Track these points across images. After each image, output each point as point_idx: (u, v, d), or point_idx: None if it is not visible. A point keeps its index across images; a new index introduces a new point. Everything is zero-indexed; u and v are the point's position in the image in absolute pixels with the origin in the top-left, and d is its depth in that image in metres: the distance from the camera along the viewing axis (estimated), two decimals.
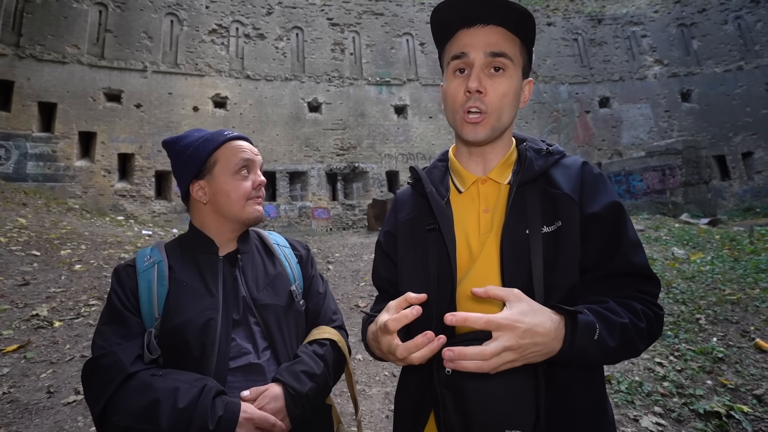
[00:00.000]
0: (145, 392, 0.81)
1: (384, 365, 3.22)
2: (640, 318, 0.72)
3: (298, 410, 0.91)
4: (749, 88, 15.50)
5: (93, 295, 4.33)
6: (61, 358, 3.13)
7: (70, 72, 11.90)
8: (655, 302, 0.77)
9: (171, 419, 0.78)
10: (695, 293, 4.17)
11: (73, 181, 11.41)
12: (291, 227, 13.25)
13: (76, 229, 7.71)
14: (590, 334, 0.65)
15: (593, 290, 0.77)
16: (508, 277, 0.76)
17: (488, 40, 0.78)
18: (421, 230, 0.88)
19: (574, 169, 0.83)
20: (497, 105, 0.80)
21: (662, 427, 2.31)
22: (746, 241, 6.55)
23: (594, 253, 0.78)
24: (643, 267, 0.78)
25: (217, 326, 0.93)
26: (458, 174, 0.91)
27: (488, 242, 0.81)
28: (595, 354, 0.66)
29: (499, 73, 0.79)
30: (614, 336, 0.67)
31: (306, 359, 0.99)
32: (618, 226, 0.79)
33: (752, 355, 2.99)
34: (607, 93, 16.38)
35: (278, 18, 14.81)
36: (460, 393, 0.70)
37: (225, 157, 1.03)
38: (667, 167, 11.20)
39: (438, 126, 15.32)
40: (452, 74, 0.83)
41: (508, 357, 0.61)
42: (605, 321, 0.68)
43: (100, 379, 0.83)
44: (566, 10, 17.23)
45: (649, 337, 0.74)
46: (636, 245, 0.79)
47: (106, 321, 0.91)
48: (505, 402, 0.68)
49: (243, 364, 0.95)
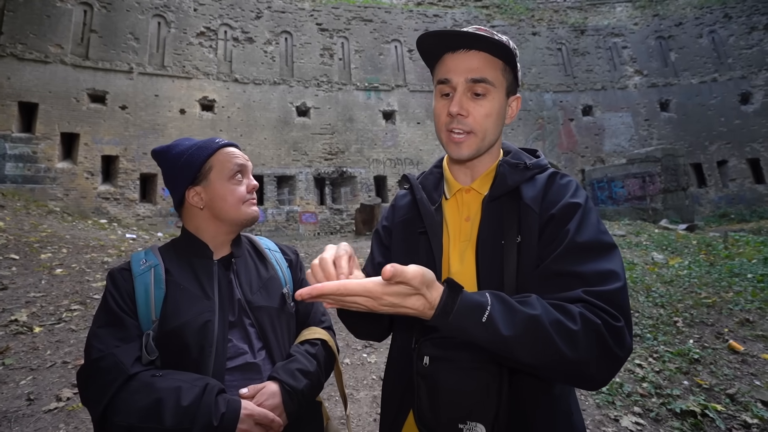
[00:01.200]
0: (148, 392, 0.82)
1: (372, 369, 3.24)
2: (574, 320, 0.64)
3: (294, 406, 0.95)
4: (723, 99, 16.11)
5: (75, 300, 4.23)
6: (42, 364, 3.06)
7: (52, 72, 11.62)
8: (608, 309, 0.66)
9: (175, 417, 0.80)
10: (673, 297, 4.32)
11: (55, 183, 11.11)
12: (278, 231, 13.16)
13: (57, 232, 7.52)
14: (476, 314, 0.62)
15: (535, 289, 0.72)
16: (484, 284, 0.81)
17: (470, 65, 0.82)
18: (414, 233, 0.93)
19: (540, 181, 0.85)
20: (481, 125, 0.84)
21: (641, 426, 2.39)
22: (721, 246, 6.80)
23: (542, 254, 0.78)
24: (589, 272, 0.70)
25: (214, 328, 0.95)
26: (447, 182, 0.96)
27: (467, 250, 0.86)
28: (483, 337, 0.62)
29: (480, 98, 0.83)
30: (512, 325, 0.62)
31: (300, 358, 1.03)
32: (565, 224, 0.76)
33: (726, 356, 3.11)
34: (590, 101, 16.80)
35: (267, 22, 14.78)
36: (433, 383, 0.76)
37: (220, 163, 1.07)
38: (647, 174, 11.55)
39: (426, 132, 15.47)
40: (439, 96, 0.87)
41: (362, 304, 0.61)
42: (506, 307, 0.64)
43: (100, 380, 0.84)
44: (551, 21, 17.66)
45: (591, 347, 0.63)
46: (586, 248, 0.73)
47: (102, 324, 0.91)
48: (471, 395, 0.73)
49: (240, 364, 0.98)
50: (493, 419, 0.72)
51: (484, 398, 0.73)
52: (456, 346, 0.76)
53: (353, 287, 0.60)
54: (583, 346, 0.63)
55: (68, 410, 2.53)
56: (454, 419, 0.73)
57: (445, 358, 0.76)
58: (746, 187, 15.21)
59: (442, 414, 0.75)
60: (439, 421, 0.75)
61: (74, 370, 2.99)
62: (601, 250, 0.73)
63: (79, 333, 3.57)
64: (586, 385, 0.70)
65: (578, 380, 0.69)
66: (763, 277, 4.68)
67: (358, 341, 3.72)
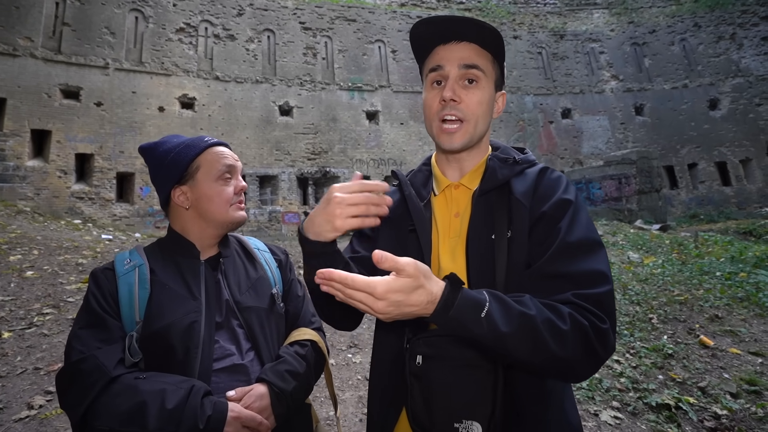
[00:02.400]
0: (131, 395, 0.80)
1: (357, 369, 3.24)
2: (564, 320, 0.67)
3: (283, 408, 0.94)
4: (693, 104, 16.79)
5: (47, 304, 4.07)
6: (12, 371, 2.93)
7: (22, 66, 11.11)
8: (595, 311, 0.69)
9: (159, 420, 0.78)
10: (648, 294, 4.47)
11: (24, 181, 10.63)
12: (261, 232, 12.97)
13: (28, 233, 7.21)
14: (476, 310, 0.63)
15: (528, 290, 0.74)
16: (474, 279, 0.81)
17: (462, 54, 0.85)
18: (403, 231, 0.92)
19: (531, 176, 0.87)
20: (473, 112, 0.85)
21: (620, 420, 2.47)
22: (692, 245, 7.08)
23: (533, 250, 0.79)
24: (579, 273, 0.73)
25: (200, 329, 0.93)
26: (436, 178, 0.96)
27: (457, 246, 0.86)
28: (480, 331, 0.64)
29: (473, 85, 0.85)
30: (509, 322, 0.64)
31: (289, 359, 1.02)
32: (557, 223, 0.77)
33: (697, 351, 3.25)
34: (569, 105, 17.23)
35: (249, 20, 14.56)
36: (427, 383, 0.75)
37: (208, 163, 1.05)
38: (623, 176, 11.91)
39: (409, 132, 15.53)
40: (430, 85, 0.89)
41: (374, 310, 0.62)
42: (502, 305, 0.66)
43: (80, 383, 0.81)
44: (531, 25, 18.03)
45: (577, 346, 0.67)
46: (576, 247, 0.74)
47: (83, 325, 0.88)
48: (466, 394, 0.73)
49: (227, 365, 0.96)
50: (489, 417, 0.72)
51: (479, 396, 0.73)
52: (450, 344, 0.75)
53: (359, 281, 0.60)
54: (571, 346, 0.67)
55: (40, 418, 2.44)
56: (449, 418, 0.73)
57: (438, 356, 0.75)
58: (714, 189, 15.89)
59: (438, 414, 0.74)
60: (434, 421, 0.74)
61: (47, 377, 2.88)
62: (590, 250, 0.75)
63: (52, 338, 3.44)
64: (569, 380, 0.76)
65: (564, 376, 0.74)
66: (730, 274, 4.90)
67: (343, 342, 3.71)
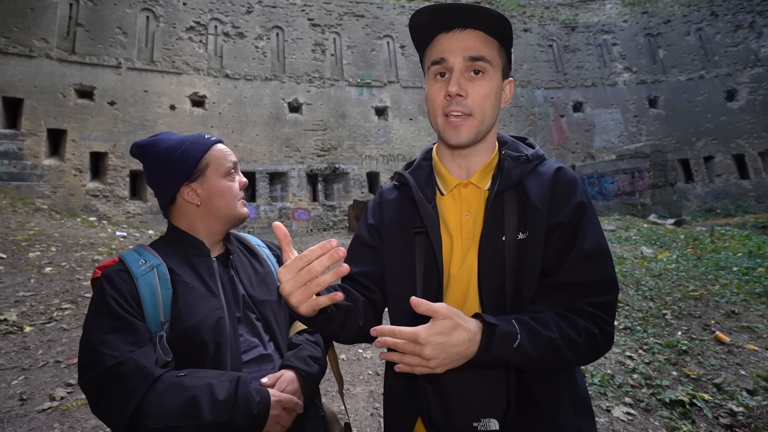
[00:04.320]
0: (178, 391, 0.83)
1: (368, 365, 3.27)
2: (579, 333, 0.72)
3: (311, 389, 1.02)
4: (709, 95, 16.39)
5: (66, 299, 4.18)
6: (34, 364, 3.02)
7: (37, 66, 11.35)
8: (605, 317, 0.75)
9: (214, 410, 0.82)
10: (662, 290, 4.41)
11: (41, 180, 10.88)
12: (271, 228, 13.08)
13: (45, 230, 7.39)
14: (510, 342, 0.68)
15: (546, 297, 0.78)
16: (484, 281, 0.80)
17: (466, 44, 0.79)
18: (409, 232, 0.89)
19: (546, 178, 0.83)
20: (480, 106, 0.80)
21: (632, 416, 2.44)
22: (707, 240, 6.94)
23: (550, 258, 0.79)
24: (593, 281, 0.76)
25: (226, 324, 0.98)
26: (441, 176, 0.91)
27: (470, 248, 0.83)
28: (515, 359, 0.69)
29: (479, 76, 0.80)
30: (537, 347, 0.69)
31: (307, 346, 1.09)
32: (575, 232, 0.79)
33: (712, 347, 3.20)
34: (581, 98, 16.96)
35: (258, 17, 14.61)
36: (440, 386, 0.77)
37: (216, 160, 1.07)
38: (636, 170, 11.71)
39: (418, 128, 15.47)
40: (433, 78, 0.83)
41: (425, 359, 0.64)
42: (530, 332, 0.70)
43: (122, 387, 0.82)
44: (542, 17, 17.75)
45: (589, 353, 0.75)
46: (590, 255, 0.77)
47: (108, 330, 0.87)
48: (482, 393, 0.75)
49: (255, 356, 1.02)
50: (504, 412, 0.74)
51: (494, 394, 0.75)
52: None
53: (405, 332, 0.64)
54: (583, 353, 0.75)
55: (62, 409, 2.51)
56: (467, 418, 0.75)
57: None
58: (731, 183, 15.53)
59: (455, 415, 0.76)
60: (452, 423, 0.76)
61: (67, 370, 2.96)
62: (602, 258, 0.79)
63: (71, 332, 3.53)
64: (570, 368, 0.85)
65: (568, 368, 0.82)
66: (747, 269, 4.80)
67: None
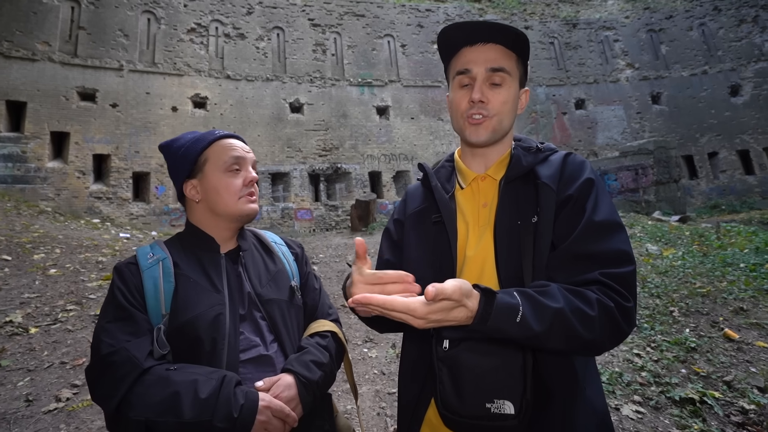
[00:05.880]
0: (164, 385, 0.82)
1: (373, 364, 3.25)
2: (592, 306, 0.70)
3: (310, 397, 0.95)
4: (713, 91, 16.27)
5: (70, 300, 4.19)
6: (39, 365, 3.03)
7: (40, 70, 11.39)
8: (620, 290, 0.73)
9: (194, 409, 0.79)
10: (669, 287, 4.37)
11: (45, 182, 10.92)
12: (273, 228, 13.09)
13: (50, 232, 7.42)
14: (511, 316, 0.66)
15: (556, 271, 0.78)
16: (502, 264, 0.84)
17: (488, 56, 0.88)
18: (428, 222, 0.96)
19: (556, 161, 0.90)
20: (499, 111, 0.89)
21: (641, 414, 2.42)
22: (713, 236, 6.89)
23: (560, 231, 0.81)
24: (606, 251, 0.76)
25: (225, 321, 0.95)
26: (461, 172, 0.99)
27: (485, 234, 0.88)
28: (518, 335, 0.67)
29: (498, 87, 0.89)
30: (543, 321, 0.67)
31: (313, 350, 1.04)
32: (583, 204, 0.81)
33: (722, 344, 3.16)
34: (583, 95, 16.88)
35: (259, 18, 14.62)
36: (455, 366, 0.77)
37: (215, 155, 1.05)
38: (640, 167, 11.64)
39: (420, 127, 15.44)
40: (458, 87, 0.93)
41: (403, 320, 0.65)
42: (535, 306, 0.68)
43: (112, 375, 0.83)
44: (543, 15, 17.67)
45: (607, 330, 0.71)
46: (601, 226, 0.78)
47: (111, 319, 0.90)
48: (496, 373, 0.75)
49: (254, 356, 0.98)
50: (521, 395, 0.73)
51: (510, 376, 0.74)
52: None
53: (398, 304, 0.64)
54: (598, 329, 0.71)
55: (68, 410, 2.51)
56: (481, 399, 0.74)
57: (465, 339, 0.77)
58: (736, 179, 15.42)
59: (468, 396, 0.75)
60: (465, 404, 0.75)
61: (73, 371, 2.96)
62: (614, 230, 0.79)
63: (76, 333, 3.54)
64: (593, 355, 0.82)
65: (589, 352, 0.78)
66: (755, 266, 4.75)
67: (358, 336, 3.74)
